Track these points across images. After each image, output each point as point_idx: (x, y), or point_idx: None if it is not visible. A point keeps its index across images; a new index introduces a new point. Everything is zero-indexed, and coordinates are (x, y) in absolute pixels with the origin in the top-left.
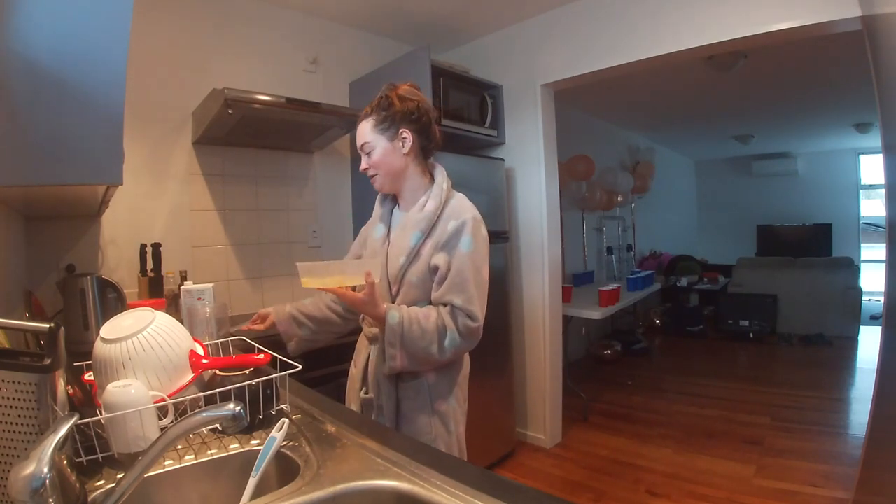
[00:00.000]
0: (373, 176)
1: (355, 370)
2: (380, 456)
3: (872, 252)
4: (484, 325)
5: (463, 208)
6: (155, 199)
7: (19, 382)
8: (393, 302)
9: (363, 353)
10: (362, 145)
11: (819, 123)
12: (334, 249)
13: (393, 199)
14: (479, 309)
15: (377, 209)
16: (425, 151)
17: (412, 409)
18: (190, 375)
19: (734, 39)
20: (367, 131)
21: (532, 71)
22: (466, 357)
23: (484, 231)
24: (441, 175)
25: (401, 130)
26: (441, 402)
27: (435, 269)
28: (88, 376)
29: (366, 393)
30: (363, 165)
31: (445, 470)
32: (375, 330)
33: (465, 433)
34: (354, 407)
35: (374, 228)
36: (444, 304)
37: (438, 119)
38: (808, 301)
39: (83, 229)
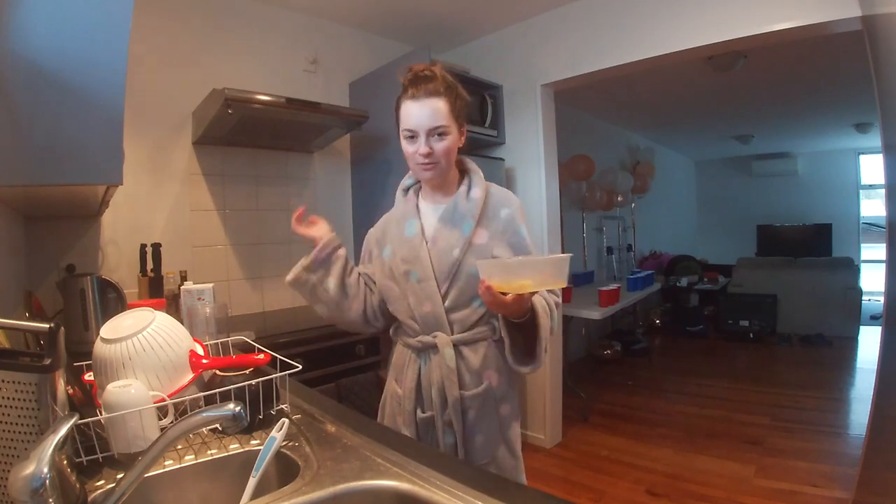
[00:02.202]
0: (433, 164)
1: (403, 390)
2: (380, 456)
3: (872, 252)
4: None
5: (508, 194)
6: (155, 199)
7: (19, 382)
8: (443, 301)
9: (412, 367)
10: (436, 127)
11: (819, 123)
12: None
13: (415, 193)
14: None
15: (402, 205)
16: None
17: (478, 418)
18: (190, 375)
19: (734, 39)
20: (445, 113)
21: (532, 71)
22: None
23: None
24: (473, 164)
25: (463, 126)
26: (506, 405)
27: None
28: (88, 376)
29: (423, 412)
30: (425, 150)
31: (445, 470)
32: (429, 338)
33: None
34: (407, 430)
35: (404, 225)
36: None
37: None
38: (808, 301)
39: (83, 229)
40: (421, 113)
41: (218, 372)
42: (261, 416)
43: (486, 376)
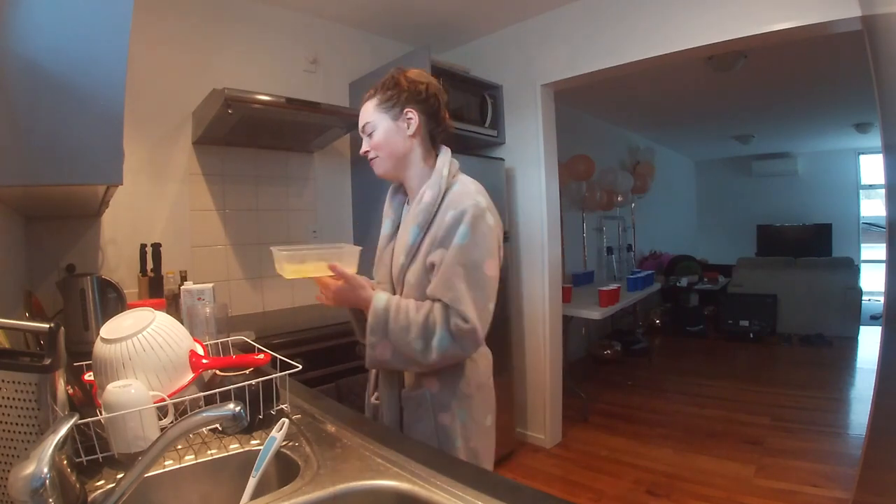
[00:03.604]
0: (373, 159)
1: (371, 373)
2: (380, 456)
3: (872, 252)
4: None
5: (463, 195)
6: (155, 199)
7: (19, 382)
8: None
9: None
10: (364, 126)
11: (819, 123)
12: None
13: (404, 192)
14: (475, 309)
15: (387, 202)
16: (432, 136)
17: (414, 420)
18: (190, 375)
19: (734, 39)
20: (369, 110)
21: (532, 71)
22: (485, 365)
23: (490, 220)
24: (443, 160)
25: (406, 110)
26: (446, 415)
27: (431, 267)
28: (88, 376)
29: (376, 399)
30: (364, 148)
31: (445, 470)
32: None
33: (485, 451)
34: (367, 411)
35: (383, 224)
36: (436, 300)
37: (448, 104)
38: (808, 301)
39: (83, 229)
40: (359, 118)
41: (218, 372)
42: (261, 416)
43: (426, 383)
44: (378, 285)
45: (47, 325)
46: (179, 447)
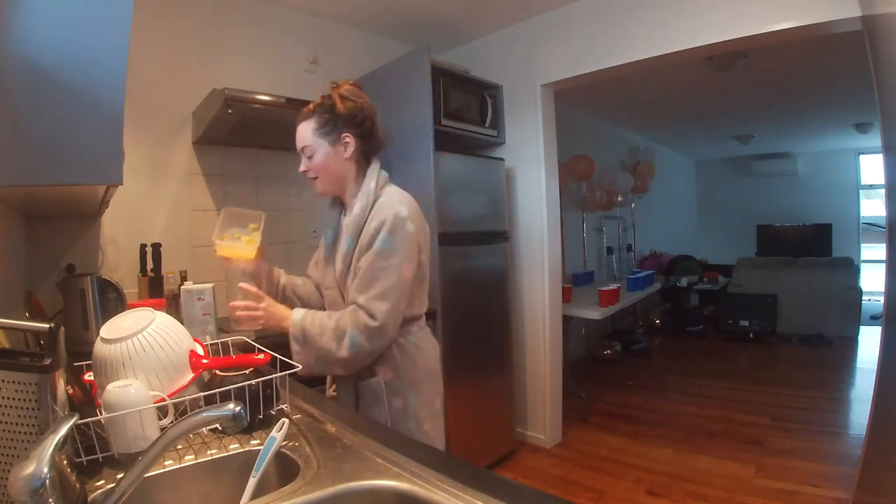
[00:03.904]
0: (313, 179)
1: None
2: (380, 456)
3: (872, 252)
4: (484, 324)
5: (387, 206)
6: (155, 199)
7: (19, 382)
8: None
9: None
10: (303, 148)
11: (819, 123)
12: None
13: (342, 203)
14: (386, 309)
15: (327, 213)
16: (366, 155)
17: (369, 406)
18: (190, 375)
19: (734, 39)
20: (307, 135)
21: (532, 71)
22: (433, 352)
23: (409, 227)
24: (371, 175)
25: (343, 135)
26: (398, 399)
27: (357, 272)
28: (88, 376)
29: (334, 391)
30: (303, 168)
31: (445, 470)
32: None
33: (435, 431)
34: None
35: (324, 233)
36: (351, 303)
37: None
38: (808, 301)
39: (83, 229)
40: (296, 137)
41: (218, 372)
42: (261, 416)
43: (379, 371)
44: (326, 290)
45: (47, 325)
46: (179, 447)
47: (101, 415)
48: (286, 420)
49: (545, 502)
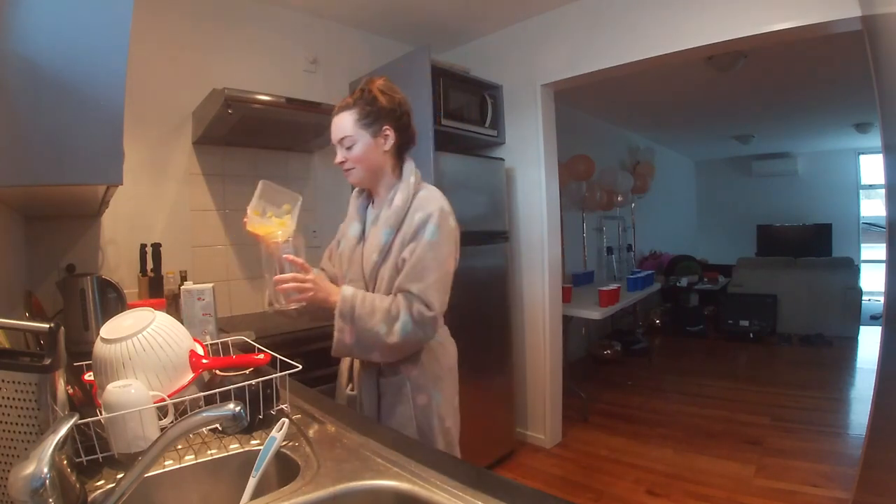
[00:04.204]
0: (349, 170)
1: (342, 366)
2: (380, 456)
3: (872, 252)
4: (484, 324)
5: (430, 199)
6: (155, 199)
7: (19, 382)
8: None
9: None
10: (342, 139)
11: (819, 123)
12: None
13: (368, 196)
14: (438, 300)
15: (352, 205)
16: (401, 149)
17: (393, 404)
18: (190, 375)
19: (734, 39)
20: (349, 125)
21: (532, 71)
22: (452, 350)
23: (452, 223)
24: (409, 169)
25: (384, 127)
26: (423, 395)
27: (403, 262)
28: (88, 376)
29: (351, 390)
30: (339, 158)
31: (445, 470)
32: None
33: (455, 428)
34: (340, 403)
35: (349, 226)
36: (402, 292)
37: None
38: (808, 301)
39: (83, 229)
40: (332, 128)
41: (218, 372)
42: (261, 416)
43: (403, 368)
44: (349, 283)
45: (47, 325)
46: (179, 447)
47: (101, 415)
48: (286, 420)
49: (545, 502)
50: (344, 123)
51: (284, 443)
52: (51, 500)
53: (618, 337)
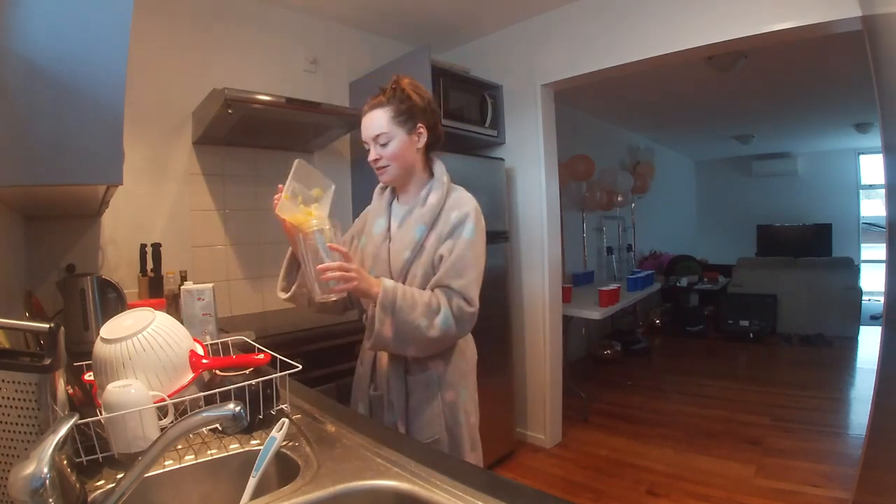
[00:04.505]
0: (384, 167)
1: (362, 368)
2: (380, 456)
3: (872, 252)
4: (484, 324)
5: (465, 199)
6: (155, 199)
7: (19, 382)
8: None
9: (369, 350)
10: (378, 136)
11: (819, 123)
12: None
13: (392, 192)
14: (478, 297)
15: (376, 201)
16: (429, 148)
17: (421, 401)
18: (190, 375)
19: (734, 39)
20: (384, 121)
21: (532, 71)
22: (473, 346)
23: (483, 223)
24: (441, 169)
25: (418, 125)
26: (451, 392)
27: (440, 259)
28: (88, 376)
29: (374, 390)
30: (374, 156)
31: (445, 470)
32: None
33: (477, 424)
34: (362, 405)
35: (374, 223)
36: (441, 287)
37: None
38: (808, 301)
39: (83, 229)
40: (366, 125)
41: (218, 372)
42: (261, 416)
43: (431, 365)
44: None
45: (47, 325)
46: (179, 447)
47: (101, 415)
48: (286, 420)
49: (545, 502)
50: (378, 120)
51: (284, 443)
52: (51, 500)
53: (618, 337)
